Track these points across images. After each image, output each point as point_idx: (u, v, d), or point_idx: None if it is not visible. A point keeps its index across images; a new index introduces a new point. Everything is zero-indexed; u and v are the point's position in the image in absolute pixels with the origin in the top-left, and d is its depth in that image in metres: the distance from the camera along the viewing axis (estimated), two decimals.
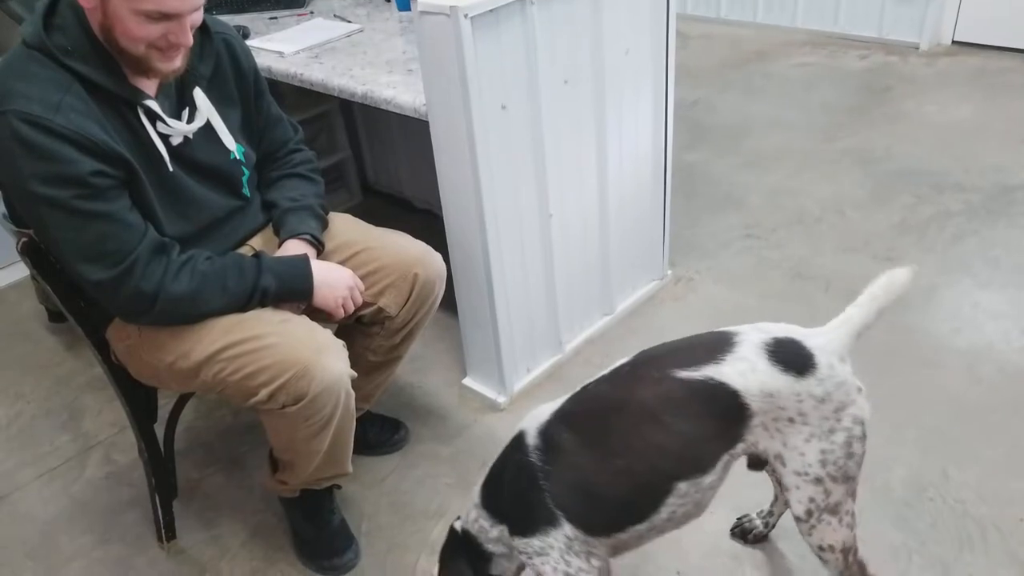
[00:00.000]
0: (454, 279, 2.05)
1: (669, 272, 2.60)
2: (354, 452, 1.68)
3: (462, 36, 1.64)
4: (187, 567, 1.81)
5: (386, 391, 1.97)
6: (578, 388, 1.34)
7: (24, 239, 1.46)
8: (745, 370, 1.21)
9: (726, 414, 1.22)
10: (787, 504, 1.31)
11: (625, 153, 2.22)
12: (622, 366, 1.31)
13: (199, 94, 1.51)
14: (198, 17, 1.39)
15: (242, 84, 1.61)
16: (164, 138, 1.45)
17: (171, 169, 1.46)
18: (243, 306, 1.50)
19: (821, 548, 1.32)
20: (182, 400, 1.82)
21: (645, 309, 2.48)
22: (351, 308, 1.61)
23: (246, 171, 1.62)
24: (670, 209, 2.48)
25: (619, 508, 1.27)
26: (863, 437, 1.25)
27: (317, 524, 1.77)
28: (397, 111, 1.92)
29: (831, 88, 3.89)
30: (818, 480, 1.24)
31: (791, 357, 1.22)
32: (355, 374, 1.52)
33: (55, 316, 2.69)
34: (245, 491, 1.99)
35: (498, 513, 1.34)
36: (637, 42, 2.10)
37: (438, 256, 1.76)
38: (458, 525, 1.40)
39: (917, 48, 4.15)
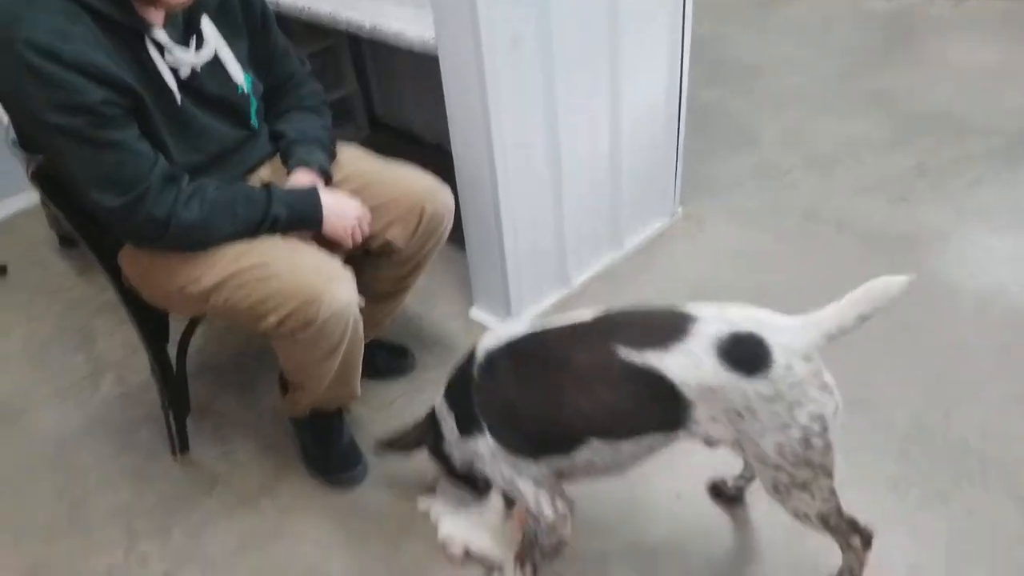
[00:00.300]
0: (462, 213, 2.05)
1: (680, 210, 2.59)
2: (362, 377, 1.71)
3: None
4: (201, 478, 1.86)
5: (394, 320, 1.98)
6: (540, 326, 1.36)
7: (34, 165, 1.46)
8: (688, 364, 1.20)
9: (660, 399, 1.22)
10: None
11: (639, 88, 2.18)
12: (581, 324, 1.33)
13: (207, 24, 1.50)
14: None
15: (249, 15, 1.59)
16: (173, 71, 1.44)
17: (179, 102, 1.46)
18: (253, 233, 1.50)
19: (796, 516, 1.33)
20: (193, 323, 1.84)
21: (654, 246, 2.47)
22: (359, 238, 1.62)
23: (254, 102, 1.61)
24: (683, 146, 2.45)
25: (534, 442, 1.35)
26: (823, 432, 1.21)
27: (327, 443, 1.81)
28: (406, 46, 1.89)
29: (854, 29, 3.80)
30: (777, 467, 1.25)
31: (744, 355, 1.19)
32: (363, 302, 1.53)
33: (66, 242, 2.71)
34: (256, 412, 2.03)
35: (451, 404, 1.47)
36: None
37: (446, 189, 1.76)
38: (437, 404, 1.53)
39: None
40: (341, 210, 1.58)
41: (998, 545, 1.55)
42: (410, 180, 1.73)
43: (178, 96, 1.45)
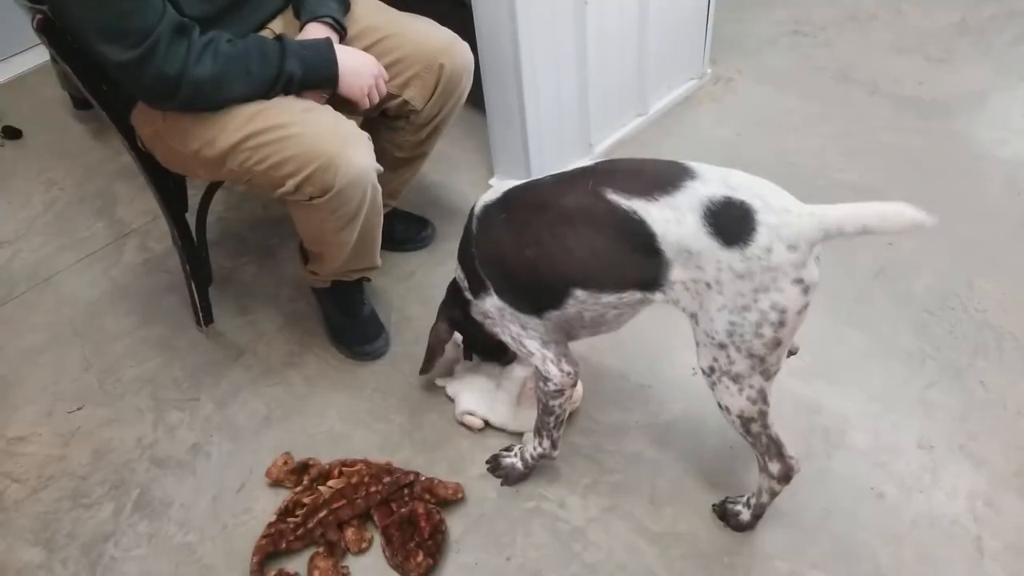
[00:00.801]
0: (482, 74, 1.97)
1: (709, 71, 2.48)
2: (382, 248, 1.71)
3: None
4: (226, 349, 1.91)
5: (412, 189, 1.96)
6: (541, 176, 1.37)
7: (39, 16, 1.41)
8: (671, 219, 1.16)
9: (641, 251, 1.20)
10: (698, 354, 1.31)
11: None
12: (577, 169, 1.31)
13: None
14: None
15: None
16: None
17: None
18: (267, 92, 1.46)
19: (720, 405, 1.32)
20: (211, 189, 1.83)
21: (681, 110, 2.39)
22: (376, 98, 1.57)
23: None
24: (714, 0, 2.31)
25: (528, 292, 1.36)
26: (779, 325, 1.17)
27: (348, 313, 1.84)
28: None
29: None
30: (722, 346, 1.22)
31: (728, 223, 1.14)
32: (381, 168, 1.51)
33: (80, 103, 2.65)
34: (278, 280, 2.05)
35: (460, 265, 1.48)
36: None
37: (465, 45, 1.69)
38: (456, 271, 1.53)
39: None
40: (357, 68, 1.53)
41: (1009, 419, 1.58)
42: (427, 34, 1.67)
43: None
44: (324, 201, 1.46)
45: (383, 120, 1.73)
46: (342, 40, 1.58)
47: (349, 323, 1.84)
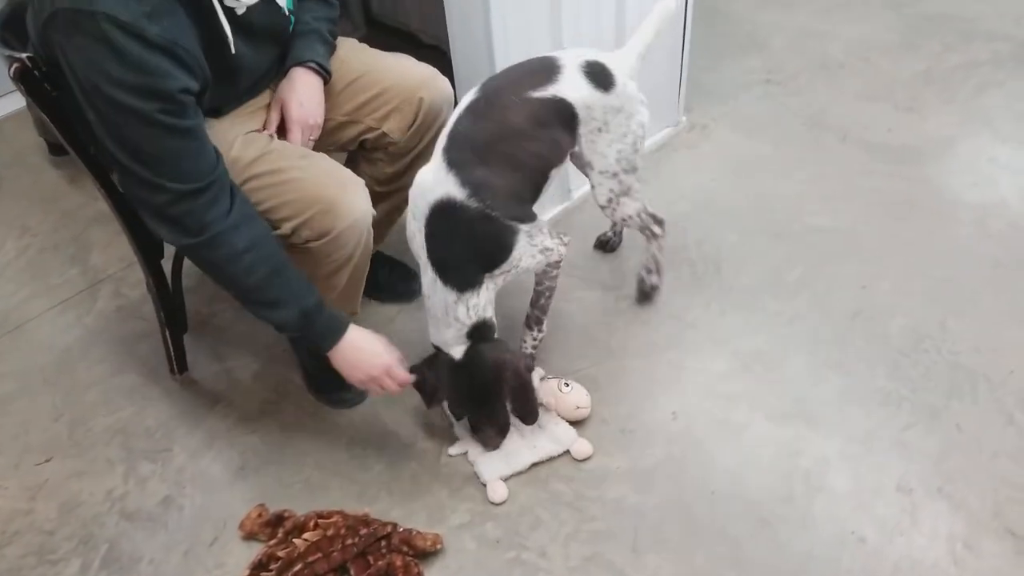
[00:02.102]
0: None
1: (684, 119, 2.52)
2: (363, 293, 1.71)
3: None
4: (201, 397, 1.88)
5: (395, 229, 1.96)
6: (444, 134, 1.52)
7: (17, 64, 1.40)
8: (573, 87, 1.55)
9: (567, 122, 1.57)
10: (594, 197, 1.73)
11: None
12: (477, 100, 1.53)
13: None
14: None
15: None
16: (229, 11, 1.36)
17: (233, 51, 1.39)
18: (265, 311, 1.47)
19: (623, 220, 1.79)
20: None
21: (658, 157, 2.42)
22: (380, 393, 1.59)
23: (292, 19, 1.56)
24: (689, 51, 2.36)
25: (524, 198, 1.57)
26: (643, 137, 1.66)
27: (325, 359, 1.81)
28: None
29: None
30: (615, 175, 1.67)
31: (600, 76, 1.57)
32: (376, 213, 1.52)
33: (56, 149, 2.64)
34: (254, 326, 2.01)
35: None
36: None
37: (444, 80, 1.72)
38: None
39: None
40: (358, 361, 1.54)
41: (985, 460, 1.59)
42: (407, 68, 1.70)
43: (232, 45, 1.38)
44: (319, 245, 1.47)
45: (361, 152, 1.76)
46: (326, 83, 1.61)
47: (326, 370, 1.82)
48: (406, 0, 2.97)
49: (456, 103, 1.59)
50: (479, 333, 1.53)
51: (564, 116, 1.55)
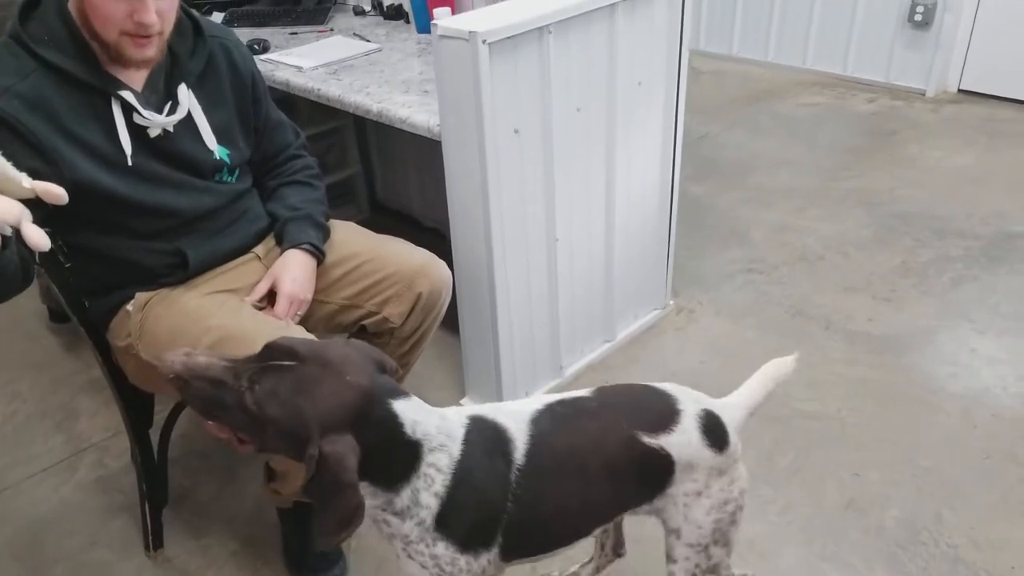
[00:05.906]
0: (458, 298, 2.05)
1: (671, 302, 2.61)
2: None
3: (479, 61, 1.66)
4: (174, 575, 1.79)
5: None
6: (543, 405, 1.24)
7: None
8: (684, 442, 1.23)
9: (657, 480, 1.25)
10: (669, 571, 1.33)
11: (633, 182, 2.24)
12: (588, 400, 1.27)
13: (183, 91, 1.51)
14: (165, 5, 1.39)
15: (239, 86, 1.62)
16: (141, 130, 1.46)
17: (130, 163, 1.46)
18: None
19: None
20: (179, 406, 1.81)
21: (646, 337, 2.48)
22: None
23: (226, 170, 1.61)
24: (675, 240, 2.49)
25: (562, 535, 1.25)
26: (742, 506, 1.32)
27: (307, 536, 1.76)
28: (411, 131, 1.94)
29: (838, 129, 3.93)
30: (706, 548, 1.30)
31: (716, 432, 1.26)
32: None
33: (57, 316, 2.69)
34: (237, 501, 1.98)
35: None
36: (650, 75, 2.13)
37: (443, 264, 1.76)
38: None
39: (923, 94, 4.19)
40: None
41: None
42: (406, 254, 1.74)
43: (129, 158, 1.45)
44: None
45: (365, 336, 1.78)
46: (320, 263, 1.67)
47: (306, 546, 1.76)
48: (409, 187, 3.15)
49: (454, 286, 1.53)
50: None
51: (659, 473, 1.24)
